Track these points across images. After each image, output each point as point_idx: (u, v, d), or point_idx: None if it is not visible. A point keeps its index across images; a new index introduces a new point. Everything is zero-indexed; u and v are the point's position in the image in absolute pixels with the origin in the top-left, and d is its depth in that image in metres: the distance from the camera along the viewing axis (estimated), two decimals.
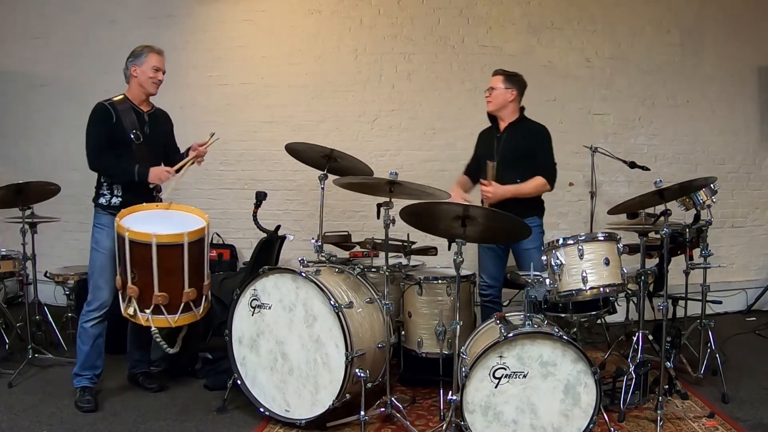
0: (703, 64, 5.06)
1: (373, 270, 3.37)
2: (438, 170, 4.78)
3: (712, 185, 3.23)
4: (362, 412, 2.76)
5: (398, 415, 2.86)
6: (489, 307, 3.49)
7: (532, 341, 2.48)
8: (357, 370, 2.75)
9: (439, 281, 3.22)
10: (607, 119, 5.02)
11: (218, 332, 3.26)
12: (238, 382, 3.01)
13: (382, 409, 2.88)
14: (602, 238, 2.81)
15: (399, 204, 2.73)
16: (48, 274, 4.19)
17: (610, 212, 3.10)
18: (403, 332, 3.38)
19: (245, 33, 5.01)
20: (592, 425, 2.47)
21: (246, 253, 4.83)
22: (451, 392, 2.61)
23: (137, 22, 5.05)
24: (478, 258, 3.56)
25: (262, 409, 2.94)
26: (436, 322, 3.11)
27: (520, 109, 3.45)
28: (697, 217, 3.45)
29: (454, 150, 4.73)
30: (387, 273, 2.94)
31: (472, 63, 4.86)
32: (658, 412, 2.75)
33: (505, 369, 2.48)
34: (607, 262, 2.75)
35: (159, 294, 2.79)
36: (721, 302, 4.09)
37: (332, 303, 2.74)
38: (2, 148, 5.36)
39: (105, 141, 3.08)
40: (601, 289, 2.75)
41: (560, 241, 2.80)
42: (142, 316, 2.82)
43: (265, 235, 3.61)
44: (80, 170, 4.89)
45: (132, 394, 3.30)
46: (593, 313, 3.03)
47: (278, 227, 3.73)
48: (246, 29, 5.01)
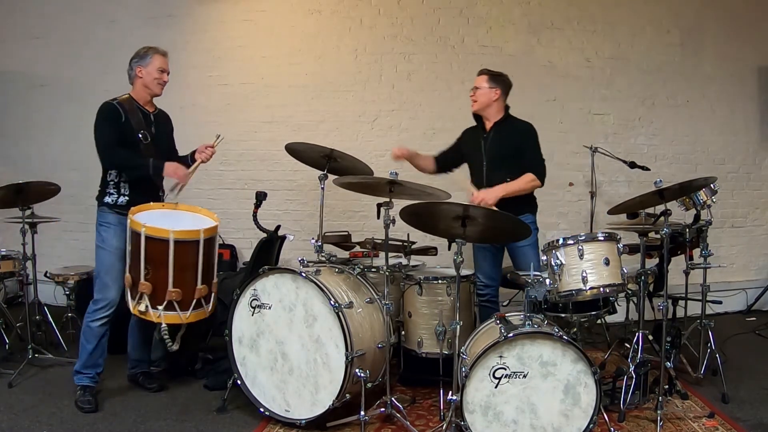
0: (703, 64, 5.06)
1: (373, 270, 3.36)
2: None
3: (712, 185, 3.23)
4: (362, 412, 2.76)
5: (398, 415, 2.86)
6: (486, 307, 3.49)
7: (532, 341, 2.48)
8: (357, 370, 2.75)
9: (439, 281, 3.22)
10: (607, 119, 5.02)
11: (218, 332, 3.25)
12: (238, 382, 3.01)
13: (382, 409, 2.88)
14: (602, 238, 2.81)
15: (399, 204, 2.74)
16: (48, 274, 4.19)
17: (610, 212, 3.10)
18: (403, 332, 3.38)
19: (245, 33, 5.01)
20: (592, 425, 2.47)
21: (246, 253, 4.83)
22: (451, 392, 2.61)
23: (137, 22, 5.05)
24: (474, 258, 3.56)
25: (262, 409, 2.94)
26: (436, 322, 3.11)
27: (505, 108, 3.47)
28: (697, 217, 3.45)
29: None
30: (387, 273, 2.94)
31: (472, 63, 4.85)
32: (658, 412, 2.75)
33: (505, 369, 2.48)
34: (607, 262, 2.75)
35: (173, 290, 2.80)
36: (721, 302, 4.09)
37: (332, 303, 2.74)
38: (2, 148, 5.36)
39: (116, 138, 3.08)
40: (601, 289, 2.75)
41: (560, 241, 2.80)
42: (153, 312, 2.82)
43: (265, 235, 3.61)
44: (80, 170, 4.96)
45: (132, 394, 3.30)
46: (593, 313, 3.03)
47: (278, 227, 3.73)
48: (246, 29, 5.01)
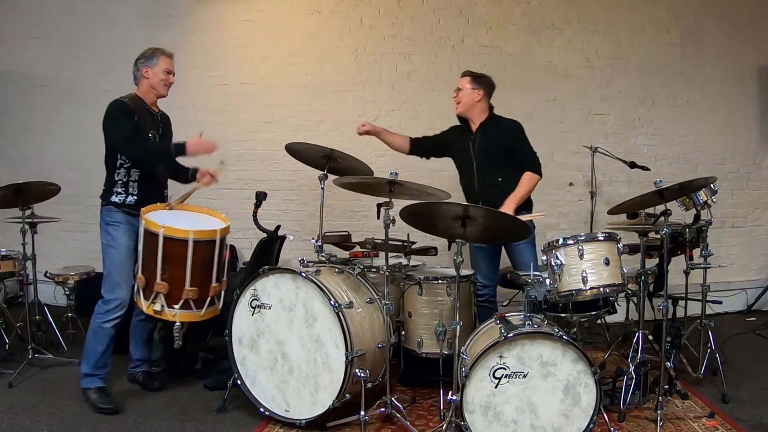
0: (703, 64, 5.06)
1: (373, 270, 3.36)
2: (438, 170, 4.76)
3: (712, 185, 3.23)
4: (362, 412, 2.76)
5: (398, 415, 2.86)
6: (484, 307, 3.49)
7: (532, 341, 2.48)
8: (357, 370, 2.75)
9: (439, 281, 3.21)
10: (607, 119, 5.02)
11: (218, 332, 3.26)
12: (238, 382, 3.01)
13: (382, 409, 2.88)
14: (602, 238, 2.81)
15: (399, 204, 2.73)
16: (48, 274, 4.19)
17: (610, 212, 3.10)
18: (403, 332, 3.37)
19: (245, 33, 5.02)
20: (592, 425, 2.47)
21: (246, 253, 4.83)
22: (451, 392, 2.61)
23: (137, 22, 5.05)
24: (471, 259, 3.56)
25: (262, 409, 2.94)
26: (436, 322, 3.11)
27: (490, 108, 3.49)
28: (697, 217, 3.45)
29: None
30: (387, 273, 2.94)
31: (472, 63, 4.83)
32: (658, 412, 2.75)
33: (505, 369, 2.48)
34: (607, 262, 2.75)
35: (190, 288, 2.82)
36: (721, 302, 4.09)
37: (332, 303, 2.74)
38: (2, 148, 5.36)
39: (134, 131, 3.07)
40: (601, 289, 2.75)
41: (560, 241, 2.79)
42: (169, 311, 2.83)
43: (265, 235, 3.61)
44: (80, 170, 4.96)
45: (132, 394, 3.30)
46: (593, 313, 3.03)
47: (278, 227, 3.73)
48: (246, 29, 5.02)
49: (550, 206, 4.76)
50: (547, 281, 2.78)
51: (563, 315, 2.98)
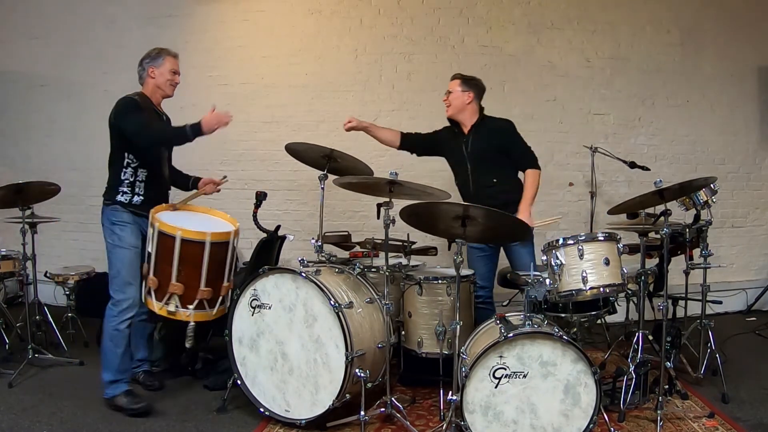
0: (703, 64, 5.06)
1: (373, 270, 3.36)
2: (438, 170, 4.75)
3: (712, 185, 3.23)
4: (362, 412, 2.76)
5: (398, 415, 2.86)
6: (482, 308, 3.48)
7: (532, 341, 2.48)
8: (357, 370, 2.75)
9: (439, 281, 3.21)
10: (607, 119, 5.02)
11: (218, 332, 3.25)
12: (238, 382, 3.01)
13: (382, 409, 2.88)
14: (602, 238, 2.81)
15: (399, 204, 2.73)
16: (48, 274, 4.19)
17: (610, 212, 3.10)
18: (403, 332, 3.37)
19: (245, 33, 5.01)
20: (592, 425, 2.47)
21: (246, 253, 4.82)
22: (451, 392, 2.61)
23: (137, 22, 5.05)
24: (468, 259, 3.56)
25: (262, 409, 2.94)
26: (436, 322, 3.11)
27: (480, 110, 3.49)
28: (697, 217, 3.45)
29: None
30: (387, 273, 2.94)
31: (472, 63, 4.85)
32: (658, 412, 2.75)
33: (505, 369, 2.48)
34: (607, 262, 2.75)
35: (205, 289, 2.84)
36: (721, 302, 4.09)
37: (332, 303, 2.74)
38: (2, 148, 5.36)
39: (149, 121, 3.06)
40: (601, 289, 2.75)
41: (560, 241, 2.79)
42: (183, 312, 2.84)
43: (265, 235, 3.61)
44: (80, 170, 4.96)
45: None
46: (593, 313, 3.03)
47: (278, 227, 3.73)
48: (246, 29, 5.01)
49: (550, 206, 4.77)
50: (547, 281, 2.78)
51: (563, 315, 2.98)
